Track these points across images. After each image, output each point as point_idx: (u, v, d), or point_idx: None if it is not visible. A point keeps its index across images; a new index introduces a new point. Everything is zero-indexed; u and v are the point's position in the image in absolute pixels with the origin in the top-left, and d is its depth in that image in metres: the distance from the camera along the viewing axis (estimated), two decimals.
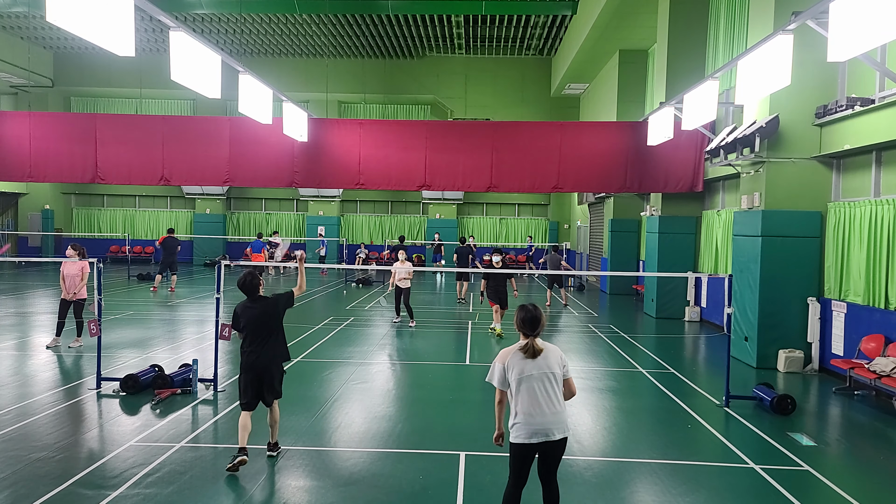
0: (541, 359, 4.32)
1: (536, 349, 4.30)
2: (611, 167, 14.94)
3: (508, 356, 4.37)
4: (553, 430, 4.25)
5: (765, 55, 8.24)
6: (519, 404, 4.28)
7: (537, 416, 4.23)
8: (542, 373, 4.29)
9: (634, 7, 16.82)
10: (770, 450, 6.72)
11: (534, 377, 4.27)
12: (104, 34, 6.26)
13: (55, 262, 26.76)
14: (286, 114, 13.64)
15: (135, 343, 11.39)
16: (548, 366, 4.32)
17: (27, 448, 6.22)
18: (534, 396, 4.26)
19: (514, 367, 4.31)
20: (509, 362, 4.34)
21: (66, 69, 29.17)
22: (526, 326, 4.36)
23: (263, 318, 6.00)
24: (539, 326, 4.34)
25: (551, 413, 4.25)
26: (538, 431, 4.23)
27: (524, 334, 4.39)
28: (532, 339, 4.33)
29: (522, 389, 4.28)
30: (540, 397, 4.26)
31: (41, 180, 15.61)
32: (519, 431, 4.27)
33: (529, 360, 4.29)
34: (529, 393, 4.26)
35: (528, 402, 4.26)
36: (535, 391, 4.26)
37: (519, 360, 4.32)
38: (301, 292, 6.39)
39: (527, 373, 4.27)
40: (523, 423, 4.26)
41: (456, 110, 29.10)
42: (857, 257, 9.83)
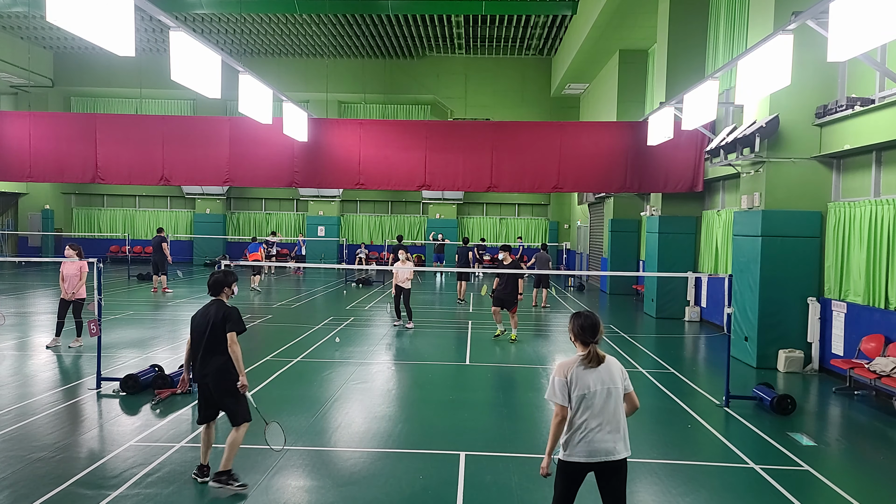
0: (603, 369, 3.97)
1: (600, 356, 3.97)
2: (611, 167, 14.94)
3: (570, 368, 3.96)
4: (616, 448, 3.92)
5: (765, 55, 8.24)
6: (578, 419, 3.92)
7: (600, 432, 3.89)
8: (606, 386, 3.94)
9: (634, 7, 16.82)
10: (770, 450, 6.72)
11: (597, 391, 3.92)
12: (104, 34, 6.26)
13: (55, 262, 26.76)
14: (286, 114, 13.64)
15: (135, 343, 11.39)
16: (611, 378, 3.98)
17: (27, 448, 6.22)
18: (597, 411, 3.90)
19: (578, 381, 3.92)
20: (572, 375, 3.94)
21: (66, 69, 29.17)
22: (586, 333, 4.00)
23: (203, 326, 5.38)
24: (599, 333, 4.00)
25: (615, 430, 3.92)
26: (599, 450, 3.89)
27: (583, 343, 4.01)
28: (594, 347, 3.98)
29: (584, 404, 3.91)
30: (604, 412, 3.91)
31: (41, 180, 15.61)
32: (575, 449, 3.92)
33: (592, 371, 3.94)
34: (593, 408, 3.90)
35: (590, 417, 3.90)
36: (598, 405, 3.91)
37: (581, 371, 3.94)
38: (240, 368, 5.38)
39: (592, 387, 3.91)
40: (583, 441, 3.89)
41: (456, 110, 29.10)
42: (857, 257, 9.83)
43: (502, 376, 9.74)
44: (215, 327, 5.33)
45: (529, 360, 10.70)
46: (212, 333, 5.34)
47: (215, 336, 5.33)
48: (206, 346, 5.36)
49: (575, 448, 3.92)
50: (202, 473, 5.52)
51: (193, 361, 5.48)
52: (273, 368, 9.68)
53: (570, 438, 3.95)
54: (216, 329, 5.33)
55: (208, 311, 5.44)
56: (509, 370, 10.12)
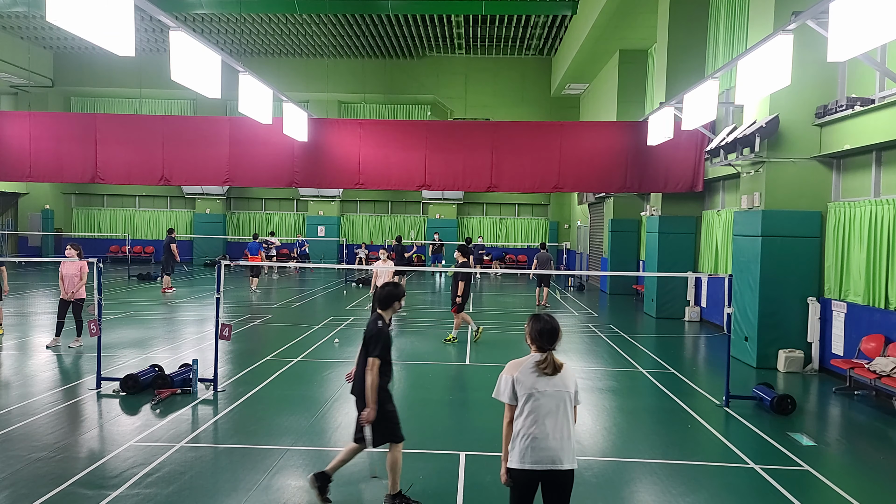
0: (559, 377, 3.79)
1: (557, 364, 3.78)
2: (611, 167, 14.94)
3: (518, 369, 3.81)
4: (562, 458, 3.75)
5: (765, 55, 8.24)
6: (524, 425, 3.74)
7: (546, 439, 3.72)
8: (558, 391, 3.76)
9: (634, 7, 16.82)
10: (770, 450, 6.72)
11: (547, 394, 3.75)
12: (104, 34, 6.27)
13: (55, 262, 26.76)
14: (286, 114, 13.64)
15: (135, 343, 11.39)
16: (565, 385, 3.80)
17: (27, 448, 6.22)
18: (545, 417, 3.73)
19: (524, 382, 3.76)
20: (519, 375, 3.78)
21: (66, 69, 29.17)
22: (544, 339, 3.81)
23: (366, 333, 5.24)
24: (558, 339, 3.83)
25: (563, 438, 3.76)
26: (545, 458, 3.72)
27: (540, 348, 3.83)
28: (551, 354, 3.80)
29: (531, 408, 3.74)
30: (551, 419, 3.74)
31: (41, 180, 15.61)
32: (522, 456, 3.74)
33: (544, 377, 3.76)
34: (540, 412, 3.73)
35: (538, 423, 3.73)
36: (546, 411, 3.73)
37: (530, 374, 3.77)
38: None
39: (540, 389, 3.74)
40: (529, 447, 3.72)
41: (456, 110, 29.10)
42: (857, 257, 9.83)
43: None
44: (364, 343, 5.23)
45: None
46: (364, 347, 5.22)
47: (366, 351, 5.17)
48: (359, 360, 5.26)
49: (523, 455, 3.74)
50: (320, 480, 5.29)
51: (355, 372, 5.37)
52: (273, 368, 9.68)
53: (519, 445, 3.76)
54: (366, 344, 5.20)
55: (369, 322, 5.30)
56: None
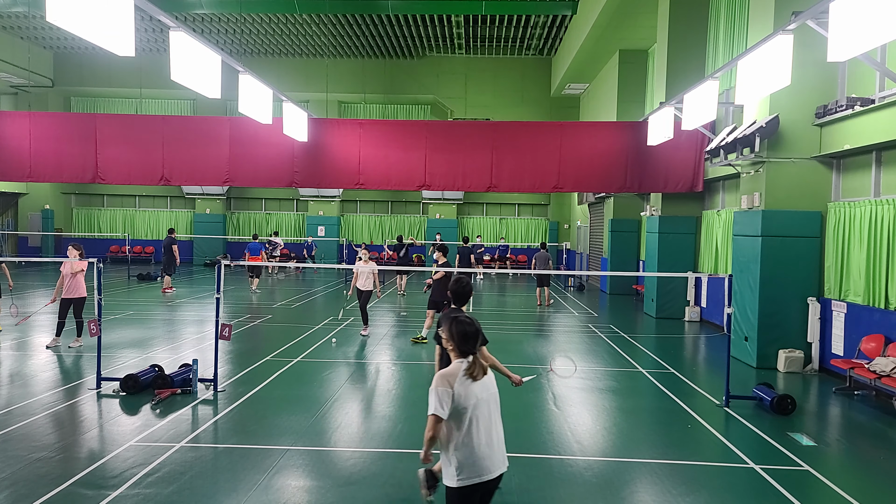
0: (487, 380, 3.64)
1: (484, 367, 3.62)
2: (611, 167, 14.94)
3: (455, 380, 3.53)
4: (503, 461, 3.65)
5: (765, 55, 8.24)
6: (466, 437, 3.51)
7: (489, 446, 3.57)
8: (491, 392, 3.65)
9: (634, 7, 16.82)
10: (770, 450, 6.72)
11: (484, 400, 3.58)
12: (104, 34, 6.27)
13: (55, 262, 26.76)
14: (286, 114, 13.64)
15: (135, 343, 11.39)
16: (494, 386, 3.70)
17: (27, 448, 6.21)
18: (485, 426, 3.57)
19: (464, 393, 3.51)
20: (458, 388, 3.51)
21: (66, 69, 29.17)
22: (468, 342, 3.60)
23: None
24: (480, 339, 3.68)
25: (499, 444, 3.64)
26: (493, 466, 3.56)
27: (463, 352, 3.61)
28: (476, 357, 3.62)
29: (472, 418, 3.52)
30: (491, 426, 3.60)
31: (41, 180, 15.61)
32: (470, 471, 3.51)
33: (476, 384, 3.55)
34: (481, 422, 3.55)
35: (480, 434, 3.54)
36: (485, 420, 3.57)
37: (466, 383, 3.53)
38: None
39: (479, 396, 3.56)
40: (479, 459, 3.52)
41: (456, 110, 29.10)
42: (857, 257, 9.83)
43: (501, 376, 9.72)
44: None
45: (530, 361, 10.70)
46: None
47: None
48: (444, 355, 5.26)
49: (470, 471, 3.52)
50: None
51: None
52: (273, 368, 9.68)
53: (464, 459, 3.52)
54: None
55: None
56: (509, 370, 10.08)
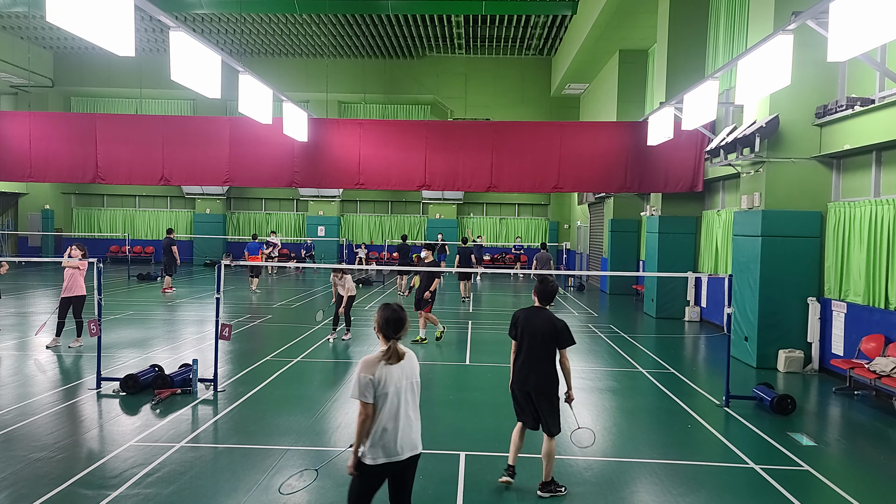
0: (406, 364, 3.92)
1: (400, 353, 3.89)
2: (611, 167, 14.94)
3: (375, 366, 3.84)
4: (416, 444, 3.91)
5: (765, 55, 8.24)
6: (379, 419, 3.80)
7: (400, 430, 3.82)
8: (409, 381, 3.92)
9: (634, 7, 16.82)
10: (770, 450, 6.72)
11: (402, 386, 3.87)
12: (104, 34, 6.26)
13: (55, 262, 26.77)
14: (286, 114, 13.64)
15: (135, 343, 11.39)
16: (412, 372, 3.95)
17: (27, 448, 6.22)
18: (398, 408, 3.83)
19: (387, 379, 3.81)
20: (378, 373, 3.81)
21: (66, 69, 29.17)
22: (389, 328, 3.89)
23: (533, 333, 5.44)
24: (404, 328, 3.92)
25: (411, 427, 3.89)
26: (401, 447, 3.82)
27: (385, 337, 3.92)
28: (395, 343, 3.90)
29: (388, 402, 3.81)
30: (404, 409, 3.86)
31: (41, 180, 15.61)
32: (377, 451, 3.79)
33: (394, 368, 3.86)
34: (394, 405, 3.82)
35: (392, 416, 3.81)
36: (400, 402, 3.85)
37: (386, 368, 3.84)
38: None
39: (393, 384, 3.83)
40: (388, 440, 3.79)
41: (456, 110, 29.10)
42: (857, 257, 9.83)
43: (502, 376, 9.73)
44: (546, 338, 5.39)
45: None
46: (543, 344, 5.40)
47: (547, 347, 5.40)
48: (537, 356, 5.42)
49: (377, 450, 3.79)
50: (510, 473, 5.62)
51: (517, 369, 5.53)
52: (273, 368, 9.68)
53: (378, 440, 3.80)
54: (547, 340, 5.39)
55: (540, 319, 5.46)
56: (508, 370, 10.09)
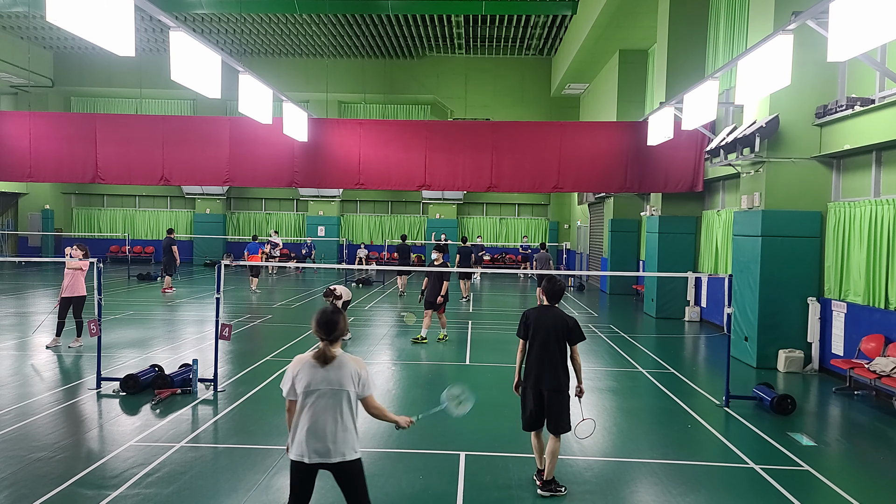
0: (332, 369, 3.85)
1: (328, 356, 3.84)
2: (611, 167, 14.94)
3: (301, 363, 3.90)
4: (331, 453, 3.83)
5: (765, 55, 8.24)
6: (301, 416, 3.85)
7: (317, 433, 3.81)
8: (331, 387, 3.83)
9: (634, 7, 16.82)
10: (770, 450, 6.72)
11: (321, 390, 3.83)
12: (104, 34, 6.26)
13: (55, 262, 26.77)
14: (286, 114, 13.64)
15: (135, 343, 11.39)
16: (339, 380, 3.85)
17: (27, 448, 6.22)
18: (316, 412, 3.82)
19: (305, 376, 3.85)
20: (300, 370, 3.87)
21: (66, 69, 29.17)
22: (321, 330, 3.86)
23: (545, 332, 5.46)
24: (335, 331, 3.87)
25: (331, 433, 3.82)
26: (316, 450, 3.82)
27: (320, 339, 3.89)
28: (326, 345, 3.86)
29: (306, 402, 3.84)
30: (324, 412, 3.82)
31: (41, 180, 15.61)
32: (295, 448, 3.86)
33: (320, 370, 3.84)
34: (310, 408, 3.83)
35: (306, 418, 3.83)
36: (316, 406, 3.82)
37: (310, 368, 3.86)
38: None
39: (314, 386, 3.82)
40: (302, 440, 3.83)
41: (456, 110, 29.10)
42: (857, 257, 9.83)
43: (502, 376, 9.73)
44: (559, 335, 5.45)
45: None
46: (556, 341, 5.45)
47: (559, 344, 5.46)
48: (550, 354, 5.44)
49: (294, 446, 3.86)
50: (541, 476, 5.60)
51: (533, 366, 5.51)
52: (273, 368, 9.68)
53: (296, 437, 3.86)
54: (560, 337, 5.45)
55: (551, 316, 5.51)
56: (509, 370, 10.08)
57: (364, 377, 3.96)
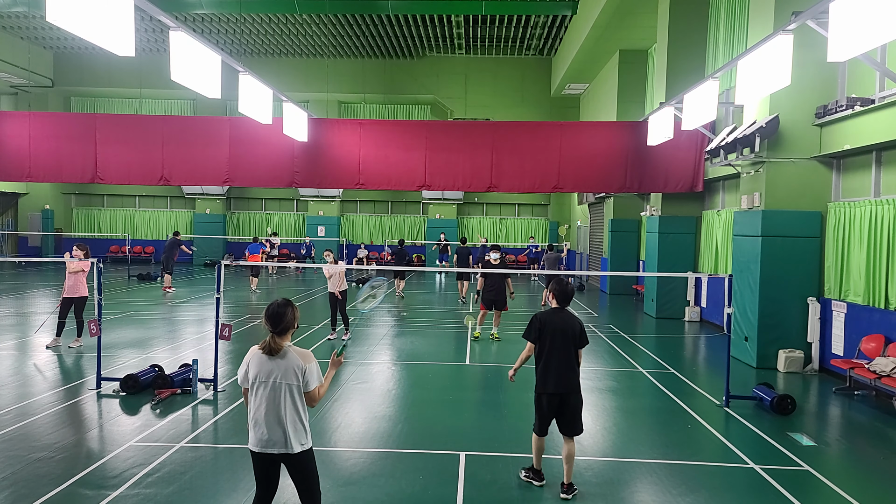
0: (277, 361, 3.94)
1: (273, 347, 3.94)
2: (611, 167, 14.94)
3: (252, 354, 4.04)
4: (274, 444, 3.91)
5: (765, 55, 8.24)
6: (251, 406, 3.99)
7: (263, 424, 3.92)
8: (273, 378, 3.93)
9: (634, 7, 16.82)
10: (770, 450, 6.72)
11: (267, 382, 3.93)
12: (104, 34, 6.26)
13: (55, 262, 26.76)
14: (286, 114, 13.64)
15: (135, 343, 11.39)
16: (283, 372, 3.93)
17: (27, 448, 6.22)
18: (260, 402, 3.93)
19: (252, 367, 3.98)
20: (251, 360, 4.01)
21: (66, 69, 29.16)
22: (269, 322, 3.97)
23: (561, 336, 5.50)
24: (282, 322, 3.96)
25: (271, 423, 3.91)
26: (263, 440, 3.93)
27: (268, 330, 4.00)
28: (272, 338, 3.96)
29: (254, 392, 3.96)
30: (269, 403, 3.92)
31: (41, 180, 15.62)
32: (249, 438, 3.99)
33: (266, 360, 3.95)
34: (257, 398, 3.94)
35: (254, 408, 3.95)
36: (261, 397, 3.93)
37: (258, 359, 3.98)
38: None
39: (261, 377, 3.94)
40: (251, 429, 3.97)
41: (456, 110, 29.09)
42: (857, 257, 9.83)
43: (502, 376, 9.73)
44: (573, 338, 5.51)
45: (529, 360, 10.68)
46: (570, 344, 5.50)
47: (573, 346, 5.51)
48: (567, 357, 5.49)
49: (250, 437, 3.99)
50: (539, 478, 5.67)
51: (552, 370, 5.50)
52: None
53: (249, 427, 3.99)
54: (573, 340, 5.51)
55: (563, 319, 5.55)
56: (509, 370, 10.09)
57: (309, 370, 3.99)
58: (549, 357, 5.49)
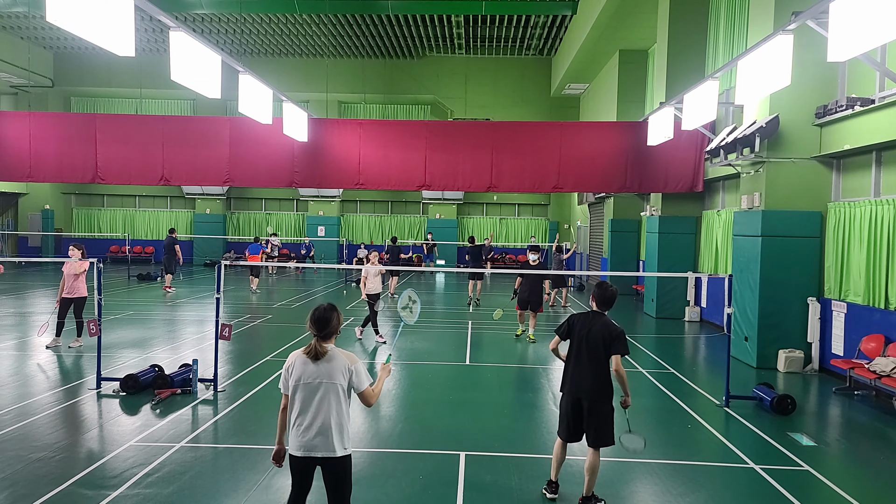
0: (322, 364, 3.92)
1: (319, 351, 3.92)
2: (611, 167, 14.94)
3: (294, 358, 4.00)
4: (317, 448, 3.88)
5: (765, 55, 8.24)
6: (294, 411, 3.94)
7: (310, 427, 3.88)
8: (320, 381, 3.90)
9: (634, 7, 16.82)
10: (770, 450, 6.72)
11: (311, 384, 3.90)
12: (104, 34, 6.26)
13: (55, 262, 26.76)
14: (286, 114, 13.64)
15: (135, 343, 11.38)
16: (328, 374, 3.91)
17: (27, 448, 6.22)
18: (306, 406, 3.89)
19: (297, 371, 3.94)
20: (294, 365, 3.97)
21: (66, 69, 29.17)
22: (314, 326, 3.97)
23: (587, 340, 5.27)
24: (328, 327, 3.96)
25: (318, 427, 3.87)
26: (308, 445, 3.89)
27: (312, 334, 3.98)
28: (318, 341, 3.95)
29: (297, 397, 3.92)
30: (316, 407, 3.88)
31: (41, 180, 15.62)
32: (291, 442, 3.96)
33: (311, 365, 3.92)
34: (302, 401, 3.91)
35: (298, 411, 3.92)
36: (307, 400, 3.90)
37: (301, 363, 3.95)
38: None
39: (304, 379, 3.90)
40: (294, 434, 3.93)
41: (456, 110, 29.10)
42: (857, 257, 9.83)
43: (502, 376, 9.73)
44: (602, 344, 5.21)
45: (529, 360, 10.70)
46: (598, 349, 5.23)
47: (601, 352, 5.22)
48: (589, 362, 5.25)
49: (291, 441, 3.96)
50: (551, 489, 5.46)
51: (570, 373, 5.36)
52: (273, 368, 9.68)
53: (292, 432, 3.96)
54: (603, 346, 5.21)
55: (595, 323, 5.32)
56: (509, 370, 10.11)
57: (356, 370, 3.99)
58: (571, 358, 5.36)
